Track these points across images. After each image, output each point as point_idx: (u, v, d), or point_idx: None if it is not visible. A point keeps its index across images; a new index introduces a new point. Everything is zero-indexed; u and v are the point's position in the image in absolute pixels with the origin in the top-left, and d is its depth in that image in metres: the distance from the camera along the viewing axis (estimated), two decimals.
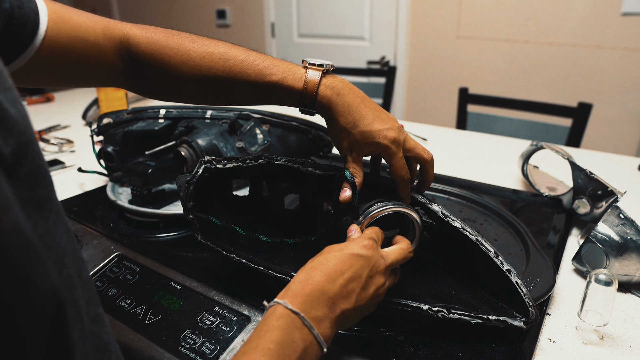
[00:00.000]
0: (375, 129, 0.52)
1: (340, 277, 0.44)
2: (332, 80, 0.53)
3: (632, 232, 0.61)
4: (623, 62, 2.01)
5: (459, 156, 1.14)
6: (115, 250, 0.68)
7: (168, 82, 0.55)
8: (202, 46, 0.54)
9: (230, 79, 0.54)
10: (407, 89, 2.63)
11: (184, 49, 0.54)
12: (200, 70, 0.53)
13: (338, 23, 2.70)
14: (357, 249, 0.46)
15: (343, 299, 0.43)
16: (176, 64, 0.53)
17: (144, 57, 0.54)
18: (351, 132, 0.52)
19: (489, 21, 2.26)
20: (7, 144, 0.23)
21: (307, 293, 0.42)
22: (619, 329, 0.55)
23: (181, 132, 0.85)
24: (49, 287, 0.24)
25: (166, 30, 0.55)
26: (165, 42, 0.54)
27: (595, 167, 0.84)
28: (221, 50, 0.54)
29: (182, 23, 3.41)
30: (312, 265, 0.45)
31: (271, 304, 0.41)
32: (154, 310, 0.56)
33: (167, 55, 0.53)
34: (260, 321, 0.40)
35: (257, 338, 0.38)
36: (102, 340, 0.30)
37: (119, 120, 0.88)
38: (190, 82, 0.54)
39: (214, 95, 0.57)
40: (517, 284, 0.50)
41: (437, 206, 0.54)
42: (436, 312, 0.50)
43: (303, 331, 0.39)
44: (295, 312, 0.40)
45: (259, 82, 0.53)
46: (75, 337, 0.26)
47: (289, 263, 0.58)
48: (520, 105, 1.61)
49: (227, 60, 0.54)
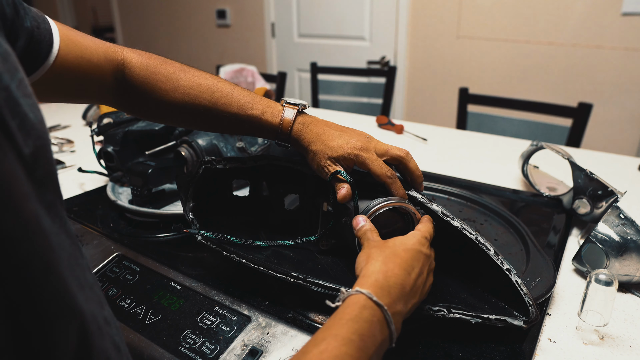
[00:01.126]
0: (342, 142, 0.56)
1: (412, 271, 0.45)
2: (304, 117, 0.59)
3: (632, 232, 0.61)
4: (623, 62, 2.01)
5: (459, 156, 1.14)
6: (115, 250, 0.68)
7: (157, 105, 0.59)
8: (192, 77, 0.59)
9: (215, 109, 0.58)
10: (407, 89, 2.63)
11: (174, 77, 0.58)
12: (188, 98, 0.58)
13: (338, 23, 2.70)
14: (419, 246, 0.48)
15: (413, 294, 0.44)
16: (166, 90, 0.58)
17: (137, 80, 0.58)
18: (323, 151, 0.56)
19: (489, 21, 2.26)
20: (27, 145, 0.25)
21: (390, 285, 0.42)
22: (619, 329, 0.55)
23: (181, 132, 0.85)
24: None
25: (161, 58, 0.60)
26: (159, 69, 0.59)
27: (596, 167, 0.84)
28: (209, 82, 0.59)
29: (182, 23, 3.41)
30: (385, 256, 0.45)
31: (352, 291, 0.41)
32: (154, 310, 0.56)
33: (159, 81, 0.58)
34: (340, 307, 0.40)
35: (339, 326, 0.38)
36: (114, 340, 0.30)
37: (119, 120, 0.88)
38: (178, 108, 0.59)
39: (198, 122, 0.61)
40: (517, 284, 0.50)
41: (437, 206, 0.54)
42: (436, 312, 0.50)
43: (383, 325, 0.40)
44: (380, 305, 0.40)
45: (240, 114, 0.58)
46: (93, 329, 0.27)
47: (288, 263, 0.58)
48: (520, 105, 1.61)
49: (213, 92, 0.58)
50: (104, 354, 0.28)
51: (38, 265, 0.23)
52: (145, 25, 3.67)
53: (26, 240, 0.22)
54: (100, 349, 0.27)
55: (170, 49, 3.59)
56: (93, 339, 0.27)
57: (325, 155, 0.55)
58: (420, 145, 1.23)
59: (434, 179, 0.93)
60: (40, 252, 0.23)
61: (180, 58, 3.56)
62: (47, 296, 0.23)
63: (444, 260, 0.61)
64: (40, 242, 0.24)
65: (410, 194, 0.56)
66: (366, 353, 0.37)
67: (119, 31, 3.87)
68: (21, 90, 0.26)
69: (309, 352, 0.36)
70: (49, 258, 0.24)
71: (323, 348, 0.36)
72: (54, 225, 0.26)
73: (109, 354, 0.28)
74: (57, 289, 0.24)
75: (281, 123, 0.57)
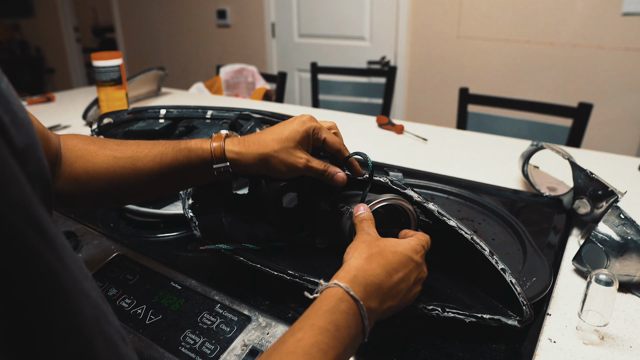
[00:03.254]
0: (294, 126, 0.53)
1: (395, 274, 0.45)
2: (233, 136, 0.56)
3: (633, 232, 0.61)
4: (623, 62, 2.01)
5: (459, 156, 1.14)
6: (115, 250, 0.68)
7: (86, 172, 0.54)
8: (119, 140, 0.56)
9: (141, 156, 0.54)
10: (408, 89, 2.63)
11: (103, 140, 0.56)
12: (116, 152, 0.54)
13: (338, 23, 2.70)
14: (411, 252, 0.48)
15: (392, 296, 0.45)
16: (94, 150, 0.54)
17: (69, 147, 0.54)
18: (284, 147, 0.52)
19: (489, 21, 2.26)
20: (19, 140, 0.25)
21: (367, 283, 0.43)
22: (619, 329, 0.55)
23: (181, 132, 0.86)
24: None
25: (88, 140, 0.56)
26: (90, 137, 0.56)
27: (596, 167, 0.84)
28: (135, 141, 0.56)
29: (182, 23, 3.41)
30: (370, 254, 0.46)
31: (330, 284, 0.42)
32: (154, 310, 0.56)
33: (87, 143, 0.55)
34: (317, 299, 0.41)
35: (316, 317, 0.39)
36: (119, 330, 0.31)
37: (119, 120, 0.88)
38: (106, 166, 0.54)
39: (127, 182, 0.55)
40: (512, 283, 0.50)
41: (433, 205, 0.54)
42: (430, 311, 0.50)
43: (358, 319, 0.41)
44: (356, 300, 0.41)
45: (168, 152, 0.53)
46: (100, 315, 0.27)
47: (286, 261, 0.58)
48: (520, 106, 1.61)
49: (139, 144, 0.55)
50: (112, 339, 0.28)
51: (44, 252, 0.23)
52: (145, 25, 3.67)
53: (29, 231, 0.23)
54: (109, 334, 0.28)
55: (170, 49, 3.59)
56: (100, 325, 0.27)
57: (287, 149, 0.53)
58: (420, 145, 1.23)
59: (434, 179, 0.93)
60: (43, 239, 0.24)
61: (180, 58, 3.56)
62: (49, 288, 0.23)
63: (439, 260, 0.61)
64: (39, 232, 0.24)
65: (407, 192, 0.56)
66: (342, 343, 0.38)
67: (119, 31, 3.87)
68: (9, 91, 0.27)
69: (286, 342, 0.37)
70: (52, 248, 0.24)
71: (300, 337, 0.37)
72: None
73: (115, 340, 0.28)
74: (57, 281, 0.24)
75: (212, 146, 0.53)
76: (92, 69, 1.29)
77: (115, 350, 0.28)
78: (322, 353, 0.36)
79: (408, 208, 0.55)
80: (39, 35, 4.71)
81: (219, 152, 0.52)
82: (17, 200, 0.22)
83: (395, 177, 0.60)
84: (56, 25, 4.39)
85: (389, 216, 0.56)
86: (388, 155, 1.15)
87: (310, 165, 0.54)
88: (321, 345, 0.36)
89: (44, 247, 0.23)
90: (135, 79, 1.62)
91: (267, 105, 1.79)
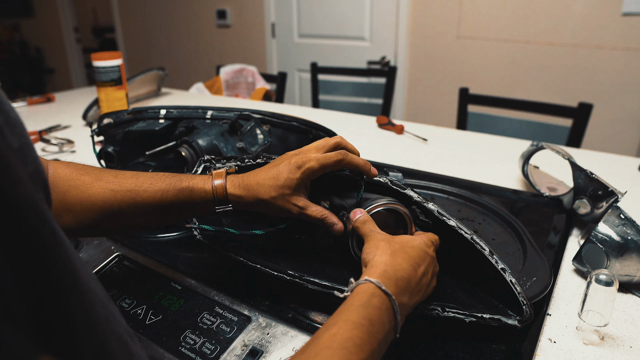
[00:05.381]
0: (282, 169, 0.52)
1: (419, 268, 0.46)
2: (234, 175, 0.55)
3: (633, 233, 0.61)
4: (623, 62, 2.01)
5: (459, 156, 1.14)
6: (115, 250, 0.68)
7: (80, 202, 0.53)
8: (114, 171, 0.55)
9: (141, 191, 0.53)
10: (408, 89, 2.63)
11: (98, 170, 0.55)
12: (112, 185, 0.53)
13: (338, 23, 2.70)
14: (426, 247, 0.48)
15: (417, 291, 0.45)
16: (90, 181, 0.53)
17: (61, 177, 0.53)
18: (281, 194, 0.52)
19: (489, 21, 2.26)
20: (14, 140, 0.25)
21: (397, 278, 0.43)
22: (619, 329, 0.55)
23: (181, 132, 0.85)
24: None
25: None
26: (82, 166, 0.55)
27: (596, 168, 0.84)
28: (132, 172, 0.55)
29: (182, 23, 3.41)
30: (393, 250, 0.46)
31: (361, 281, 0.42)
32: (154, 311, 0.56)
33: (81, 174, 0.54)
34: (349, 296, 0.41)
35: (349, 312, 0.39)
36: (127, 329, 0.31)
37: (119, 121, 0.88)
38: (101, 200, 0.53)
39: (124, 215, 0.54)
40: (512, 283, 0.50)
41: (433, 205, 0.54)
42: (430, 310, 0.50)
43: (390, 313, 0.41)
44: (388, 294, 0.41)
45: (169, 190, 0.53)
46: (101, 313, 0.27)
47: (286, 261, 0.58)
48: (520, 106, 1.61)
49: (138, 176, 0.54)
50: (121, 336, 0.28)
51: (50, 239, 0.23)
52: (145, 25, 3.67)
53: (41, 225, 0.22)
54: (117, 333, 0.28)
55: (170, 49, 3.59)
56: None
57: (283, 196, 0.52)
58: (420, 145, 1.23)
59: (434, 179, 0.93)
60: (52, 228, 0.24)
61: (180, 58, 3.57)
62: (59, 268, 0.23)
63: (439, 260, 0.61)
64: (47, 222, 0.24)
65: (407, 193, 0.55)
66: (376, 337, 0.38)
67: (119, 31, 3.87)
68: (1, 93, 0.27)
69: (320, 337, 0.37)
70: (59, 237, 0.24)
71: (334, 332, 0.37)
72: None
73: (125, 338, 0.28)
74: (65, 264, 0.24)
75: (214, 185, 0.53)
76: (92, 69, 1.29)
77: (126, 347, 0.28)
78: (358, 347, 0.36)
79: (404, 212, 0.55)
80: (39, 35, 4.71)
81: (221, 194, 0.52)
82: (29, 198, 0.22)
83: (394, 177, 0.60)
84: (56, 26, 4.40)
85: (388, 219, 0.56)
86: (388, 155, 1.15)
87: (305, 212, 0.53)
88: (356, 340, 0.36)
89: (57, 245, 0.23)
90: (135, 79, 1.62)
91: (267, 105, 1.79)
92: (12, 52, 4.97)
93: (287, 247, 0.62)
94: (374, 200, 0.55)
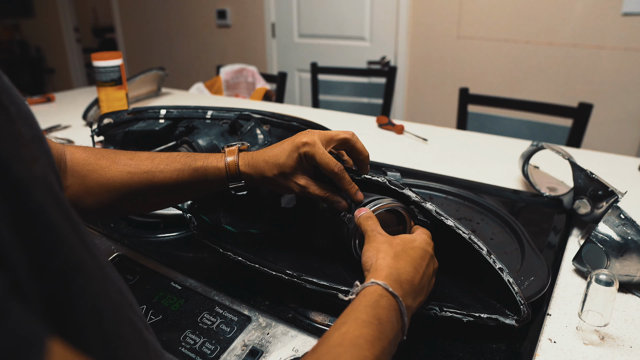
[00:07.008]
0: (286, 147, 0.54)
1: (420, 269, 0.46)
2: (245, 153, 0.57)
3: (633, 233, 0.61)
4: (623, 62, 2.01)
5: (459, 156, 1.14)
6: (115, 250, 0.68)
7: (99, 185, 0.55)
8: (130, 152, 0.57)
9: (157, 172, 0.55)
10: (408, 89, 2.63)
11: (114, 154, 0.57)
12: (129, 168, 0.55)
13: (338, 23, 2.70)
14: (426, 245, 0.49)
15: (420, 291, 0.46)
16: (107, 165, 0.55)
17: (78, 161, 0.55)
18: (281, 172, 0.53)
19: (489, 21, 2.26)
20: (26, 130, 0.25)
21: (402, 280, 0.43)
22: (619, 329, 0.55)
23: (182, 132, 0.85)
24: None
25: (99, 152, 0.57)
26: (98, 150, 0.57)
27: (596, 168, 0.84)
28: (148, 153, 0.57)
29: (182, 23, 3.41)
30: (396, 252, 0.46)
31: (368, 284, 0.42)
32: (154, 311, 0.56)
33: (99, 158, 0.56)
34: (356, 298, 0.42)
35: (358, 311, 0.39)
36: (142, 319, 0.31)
37: (119, 121, 0.88)
38: (119, 182, 0.55)
39: (142, 197, 0.57)
40: (509, 282, 0.50)
41: (431, 204, 0.54)
42: (428, 310, 0.50)
43: (398, 315, 0.41)
44: (395, 296, 0.41)
45: (184, 169, 0.55)
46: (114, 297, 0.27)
47: (284, 261, 0.58)
48: (520, 106, 1.61)
49: (154, 158, 0.56)
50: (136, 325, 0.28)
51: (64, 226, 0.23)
52: (145, 25, 3.67)
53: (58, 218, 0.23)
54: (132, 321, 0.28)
55: (170, 49, 3.59)
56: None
57: (284, 174, 0.54)
58: (420, 145, 1.23)
59: (435, 179, 0.93)
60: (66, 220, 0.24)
61: (180, 58, 3.57)
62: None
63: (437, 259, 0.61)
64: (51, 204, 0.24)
65: (405, 192, 0.55)
66: (386, 336, 0.38)
67: (119, 31, 3.87)
68: (12, 85, 0.28)
69: (331, 336, 0.37)
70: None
71: (345, 330, 0.37)
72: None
73: (139, 326, 0.29)
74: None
75: (227, 162, 0.55)
76: (92, 69, 1.29)
77: (140, 335, 0.28)
78: (369, 344, 0.36)
79: (405, 214, 0.55)
80: (39, 35, 4.71)
81: (234, 171, 0.55)
82: (40, 177, 0.22)
83: (393, 176, 0.60)
84: (56, 26, 4.40)
85: (389, 218, 0.56)
86: (388, 155, 1.15)
87: (307, 191, 0.54)
88: (367, 337, 0.37)
89: (67, 227, 0.23)
90: (135, 79, 1.62)
91: (267, 105, 1.79)
92: (12, 52, 4.97)
93: (286, 247, 0.62)
94: (378, 200, 0.55)
